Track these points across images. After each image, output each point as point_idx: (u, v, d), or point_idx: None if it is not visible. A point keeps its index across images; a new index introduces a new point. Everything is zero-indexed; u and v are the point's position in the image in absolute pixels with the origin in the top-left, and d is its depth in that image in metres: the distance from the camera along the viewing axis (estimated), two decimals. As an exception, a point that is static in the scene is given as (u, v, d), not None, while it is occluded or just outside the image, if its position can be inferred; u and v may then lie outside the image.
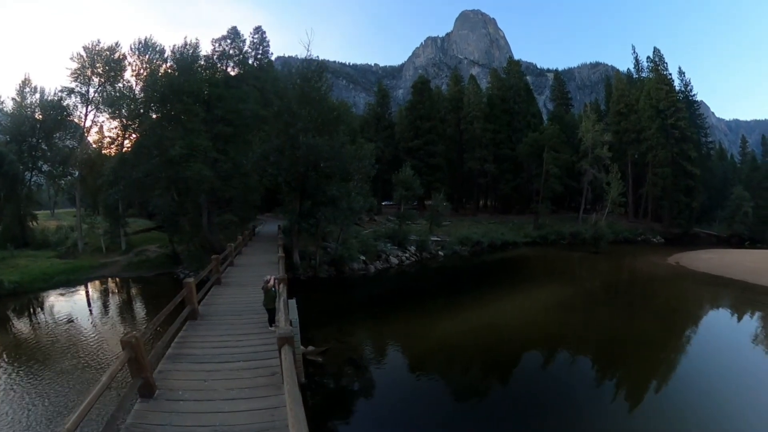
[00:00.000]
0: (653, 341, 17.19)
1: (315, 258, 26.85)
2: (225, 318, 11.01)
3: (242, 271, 18.14)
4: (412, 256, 35.31)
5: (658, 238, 59.48)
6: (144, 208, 41.34)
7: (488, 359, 14.66)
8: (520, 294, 24.98)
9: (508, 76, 74.01)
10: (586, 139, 59.06)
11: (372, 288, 25.84)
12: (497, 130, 65.50)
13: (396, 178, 40.08)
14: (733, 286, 28.89)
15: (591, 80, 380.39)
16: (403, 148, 58.69)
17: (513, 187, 66.30)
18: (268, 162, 25.30)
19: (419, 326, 17.60)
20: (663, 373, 13.84)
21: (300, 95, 24.92)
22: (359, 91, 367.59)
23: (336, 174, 26.24)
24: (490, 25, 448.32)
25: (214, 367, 7.72)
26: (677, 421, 10.41)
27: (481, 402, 11.66)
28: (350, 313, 19.28)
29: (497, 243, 45.93)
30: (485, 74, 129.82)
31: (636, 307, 23.39)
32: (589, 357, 15.57)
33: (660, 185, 62.69)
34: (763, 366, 14.74)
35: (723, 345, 17.47)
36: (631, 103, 68.35)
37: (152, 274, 27.69)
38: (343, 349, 14.26)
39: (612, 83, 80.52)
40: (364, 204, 28.62)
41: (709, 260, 39.06)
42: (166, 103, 26.23)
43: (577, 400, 11.70)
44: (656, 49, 69.19)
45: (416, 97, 61.93)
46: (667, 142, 61.84)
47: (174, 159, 23.34)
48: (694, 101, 76.54)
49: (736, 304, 24.72)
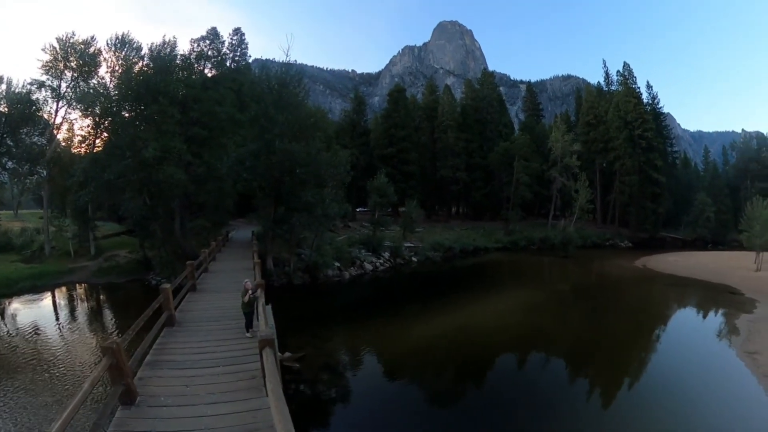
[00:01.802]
0: (623, 341, 18.08)
1: (289, 265, 26.74)
2: (202, 324, 11.05)
3: (217, 277, 18.04)
4: (387, 262, 35.60)
5: (626, 242, 62.74)
6: (114, 212, 39.78)
7: (463, 362, 14.97)
8: (492, 298, 25.61)
9: (482, 87, 76.25)
10: (556, 148, 61.48)
11: (347, 294, 25.92)
12: (470, 139, 67.10)
13: (370, 185, 40.35)
14: (697, 285, 30.82)
15: (562, 92, 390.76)
16: (378, 156, 59.16)
17: (484, 195, 67.96)
18: (243, 167, 25.04)
19: (394, 331, 17.80)
20: (634, 370, 14.61)
21: (277, 100, 24.86)
22: (336, 97, 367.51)
23: (311, 180, 26.24)
24: (466, 36, 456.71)
25: (194, 373, 7.80)
26: (650, 417, 10.99)
27: (457, 404, 11.91)
28: (325, 320, 19.33)
29: (469, 249, 47.15)
30: (460, 84, 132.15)
31: (605, 309, 24.37)
32: (561, 357, 16.14)
33: (627, 192, 66.25)
34: (726, 359, 15.77)
35: (689, 341, 18.67)
36: (600, 114, 71.91)
37: (123, 280, 26.91)
38: (320, 355, 14.31)
39: (582, 95, 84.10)
40: (338, 210, 28.87)
41: (675, 262, 41.41)
42: (140, 102, 25.64)
43: (552, 400, 12.09)
44: (626, 63, 73.69)
45: (392, 105, 62.68)
46: (634, 151, 65.64)
47: (147, 161, 22.88)
48: (661, 113, 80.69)
49: (701, 302, 26.36)
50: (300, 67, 27.95)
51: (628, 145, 65.94)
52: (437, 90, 77.51)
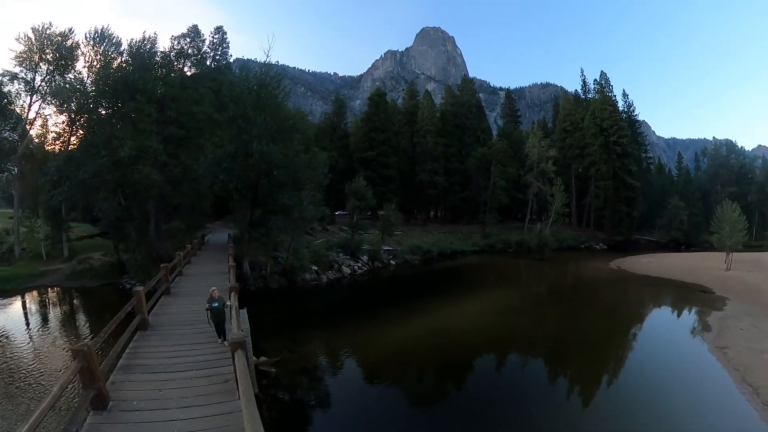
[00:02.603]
0: (600, 340, 18.72)
1: (266, 268, 26.51)
2: (176, 328, 10.99)
3: (192, 281, 17.86)
4: (365, 266, 35.69)
5: (601, 245, 64.93)
6: (88, 212, 38.59)
7: (442, 364, 15.12)
8: (470, 300, 25.91)
9: (462, 93, 77.39)
10: (533, 154, 63.16)
11: (324, 298, 25.88)
12: (448, 144, 67.96)
13: (349, 188, 40.38)
14: (670, 285, 32.17)
15: (541, 99, 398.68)
16: (358, 159, 59.33)
17: (462, 199, 68.94)
18: (219, 168, 24.68)
19: (373, 334, 17.85)
20: (611, 368, 15.20)
21: (256, 101, 24.64)
22: (317, 99, 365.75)
23: (288, 182, 26.05)
24: (448, 42, 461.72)
25: (167, 377, 7.81)
26: (628, 412, 11.54)
27: (438, 406, 12.04)
28: (303, 324, 19.27)
29: (447, 252, 47.76)
30: (440, 90, 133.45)
31: (581, 309, 25.04)
32: (539, 357, 16.53)
33: (602, 197, 68.88)
34: (699, 354, 16.61)
35: (664, 338, 19.59)
36: (577, 121, 74.46)
37: (97, 284, 26.17)
38: (297, 360, 14.27)
39: (560, 103, 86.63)
40: (316, 213, 28.78)
41: (649, 264, 43.10)
42: (118, 99, 25.05)
43: (532, 399, 12.38)
44: (603, 72, 76.44)
45: (372, 109, 62.93)
46: (609, 157, 68.13)
47: (122, 160, 22.42)
48: (636, 120, 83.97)
49: (674, 301, 27.59)
50: (281, 68, 27.68)
51: (603, 151, 68.49)
52: (418, 95, 78.38)
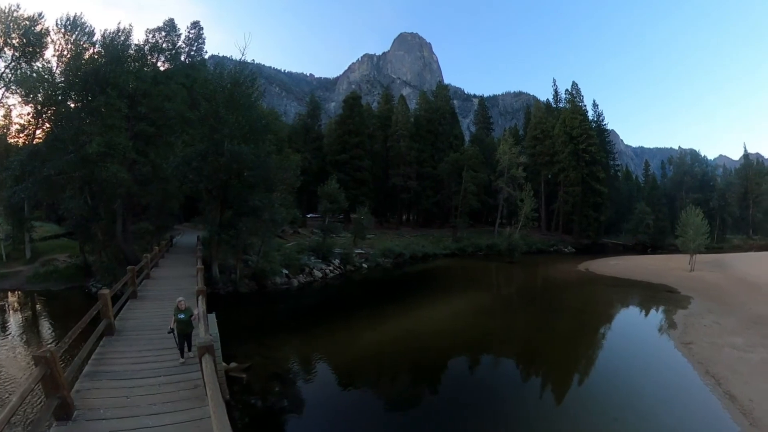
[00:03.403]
0: (570, 339, 19.24)
1: (235, 272, 25.97)
2: (143, 333, 10.75)
3: (159, 284, 17.47)
4: (336, 269, 35.52)
5: (569, 248, 67.30)
6: (53, 211, 36.85)
7: (416, 366, 15.16)
8: (442, 302, 26.19)
9: (436, 99, 78.50)
10: (503, 160, 64.82)
11: (295, 302, 25.60)
12: (421, 149, 68.78)
13: (321, 191, 40.22)
14: (637, 286, 33.34)
15: (513, 107, 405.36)
16: (331, 161, 59.14)
17: (434, 203, 69.72)
18: (189, 167, 24.05)
19: (345, 338, 17.76)
20: (582, 366, 15.67)
21: (229, 100, 24.21)
22: (291, 99, 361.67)
23: (260, 184, 25.67)
24: (425, 48, 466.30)
25: (135, 383, 7.65)
26: (599, 407, 11.95)
27: (413, 408, 12.04)
28: (273, 328, 19.00)
29: (419, 255, 48.28)
30: (415, 95, 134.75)
31: (551, 310, 25.68)
32: (511, 357, 16.82)
33: (570, 202, 71.59)
34: (666, 350, 17.37)
35: (632, 336, 20.36)
36: (548, 129, 77.17)
37: (61, 287, 24.86)
38: (268, 365, 14.04)
39: (531, 111, 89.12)
40: (287, 215, 28.41)
41: (616, 266, 44.70)
42: (88, 92, 24.02)
43: (506, 399, 12.57)
44: (574, 83, 79.74)
45: (347, 111, 62.91)
46: (578, 164, 70.84)
47: (90, 157, 21.53)
48: (605, 130, 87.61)
49: (641, 300, 28.59)
50: (257, 67, 27.43)
51: (572, 158, 71.19)
52: (393, 99, 79.15)
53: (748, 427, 10.45)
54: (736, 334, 18.52)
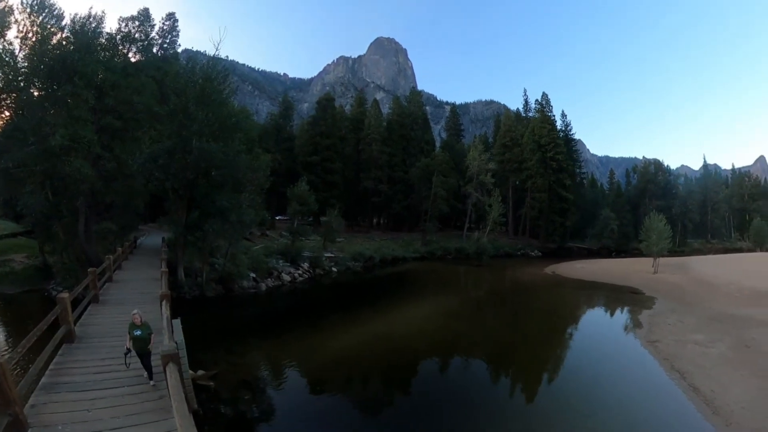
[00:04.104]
0: (539, 339, 19.64)
1: (201, 275, 24.98)
2: (105, 340, 10.03)
3: (122, 287, 16.59)
4: (306, 273, 34.96)
5: (536, 252, 69.39)
6: (11, 208, 34.58)
7: (387, 369, 15.01)
8: (412, 305, 26.16)
9: (409, 105, 79.48)
10: (473, 166, 66.13)
11: (264, 306, 24.94)
12: (393, 153, 69.30)
13: (291, 193, 39.59)
14: (603, 288, 34.40)
15: (484, 115, 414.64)
16: (301, 163, 58.59)
17: (404, 207, 70.25)
18: (156, 165, 23.04)
19: (316, 343, 17.41)
20: (552, 365, 15.97)
21: (200, 95, 23.34)
22: (264, 99, 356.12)
23: (228, 183, 24.91)
24: (400, 54, 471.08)
25: (96, 395, 7.13)
26: (570, 405, 12.17)
27: (386, 412, 11.90)
28: (242, 334, 18.40)
29: (389, 258, 48.39)
30: (388, 100, 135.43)
31: (520, 311, 26.20)
32: (481, 358, 16.92)
33: (537, 207, 74.15)
34: (633, 348, 17.98)
35: (600, 335, 21.02)
36: (517, 137, 79.75)
37: (18, 290, 23.23)
38: (237, 372, 13.62)
39: (501, 119, 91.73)
40: (255, 217, 27.63)
41: (582, 269, 46.04)
42: (53, 80, 22.45)
43: (478, 400, 12.56)
44: (545, 93, 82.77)
45: (320, 113, 62.64)
46: (545, 171, 73.54)
47: (53, 150, 20.14)
48: (572, 139, 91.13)
49: (607, 302, 29.51)
50: (231, 64, 26.51)
51: (540, 165, 73.74)
52: (366, 103, 79.68)
53: (710, 415, 11.22)
54: (698, 331, 19.52)
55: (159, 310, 11.79)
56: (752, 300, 27.18)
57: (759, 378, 13.63)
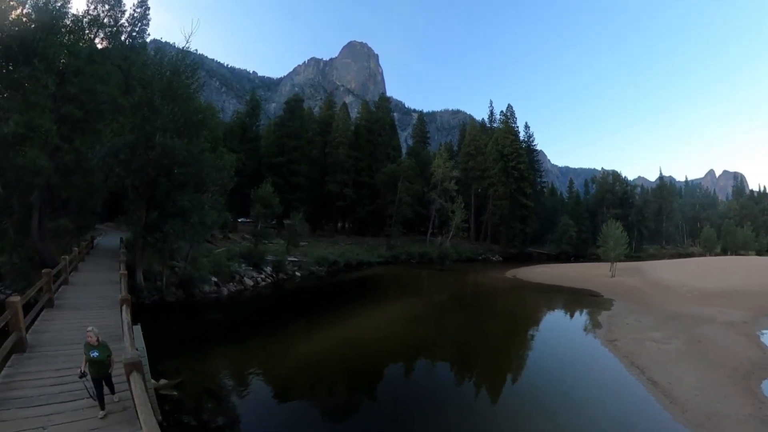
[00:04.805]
0: (502, 341, 20.04)
1: (161, 279, 23.91)
2: (61, 348, 9.25)
3: (79, 290, 15.60)
4: (269, 277, 34.22)
5: (497, 257, 71.75)
6: None
7: (353, 374, 14.85)
8: (376, 309, 26.16)
9: (378, 110, 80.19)
10: (437, 173, 67.50)
11: (226, 312, 24.20)
12: (359, 157, 69.35)
13: (255, 194, 38.88)
14: (563, 291, 35.71)
15: (450, 124, 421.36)
16: (267, 164, 57.61)
17: (369, 211, 70.52)
18: (116, 160, 21.75)
19: (280, 349, 17.08)
20: (516, 365, 16.40)
21: (166, 89, 22.35)
22: (231, 96, 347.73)
23: (190, 183, 23.92)
24: (372, 59, 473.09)
25: (54, 410, 6.51)
26: (535, 402, 12.53)
27: (352, 418, 11.76)
28: (204, 340, 17.77)
29: (353, 263, 48.28)
30: (357, 104, 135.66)
31: (482, 314, 26.65)
32: (446, 361, 17.07)
33: (499, 214, 76.90)
34: (593, 347, 18.79)
35: (561, 336, 21.73)
36: (481, 146, 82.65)
37: None
38: (201, 380, 13.13)
39: (467, 129, 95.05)
40: (218, 219, 26.71)
41: (542, 273, 47.70)
42: (9, 60, 20.53)
43: (444, 402, 12.62)
44: (510, 105, 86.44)
45: (288, 114, 61.96)
46: (507, 180, 76.24)
47: (6, 138, 18.55)
48: (534, 150, 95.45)
49: (567, 304, 30.57)
50: (199, 58, 25.26)
51: (502, 174, 76.37)
52: (335, 106, 79.56)
53: (669, 404, 12.18)
54: (655, 330, 20.77)
55: (118, 316, 11.24)
56: (703, 300, 29.41)
57: (710, 369, 15.14)
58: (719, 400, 12.31)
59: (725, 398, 12.48)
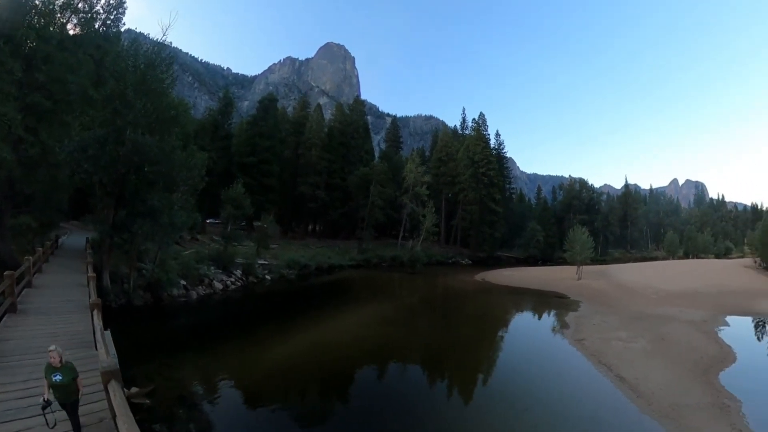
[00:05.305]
0: (472, 342, 20.28)
1: (129, 281, 22.89)
2: (28, 357, 8.68)
3: (44, 294, 14.82)
4: (238, 281, 33.48)
5: (467, 260, 73.45)
6: None
7: (326, 378, 14.72)
8: (348, 312, 26.02)
9: (352, 113, 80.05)
10: (409, 178, 68.23)
11: (196, 316, 23.56)
12: (332, 160, 68.94)
13: (225, 195, 38.03)
14: (531, 293, 36.53)
15: (423, 130, 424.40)
16: (238, 163, 56.39)
17: (341, 214, 70.33)
18: (85, 155, 20.62)
19: (252, 354, 16.81)
20: (487, 366, 16.69)
21: (140, 82, 21.38)
22: (203, 92, 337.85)
23: (160, 181, 23.12)
24: (348, 61, 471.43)
25: (23, 425, 6.07)
26: (506, 402, 12.79)
27: (324, 422, 11.66)
28: (175, 346, 17.27)
29: (324, 266, 47.98)
30: (331, 106, 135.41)
31: (453, 316, 26.98)
32: (418, 363, 17.16)
33: (468, 219, 79.29)
34: (561, 346, 19.41)
35: (530, 336, 22.33)
36: (452, 153, 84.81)
37: None
38: (172, 387, 12.76)
39: (439, 135, 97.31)
40: (187, 219, 25.88)
41: (511, 276, 48.91)
42: None
43: (415, 403, 12.62)
44: (482, 113, 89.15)
45: (261, 113, 61.04)
46: (477, 186, 78.56)
47: None
48: (504, 157, 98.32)
49: (536, 306, 31.36)
50: (173, 51, 24.22)
51: (473, 180, 78.62)
52: (309, 107, 79.07)
53: (636, 398, 12.89)
54: (621, 329, 21.72)
55: (89, 321, 10.79)
56: (666, 300, 31.00)
57: (673, 364, 16.19)
58: (682, 392, 13.26)
59: (687, 390, 13.48)
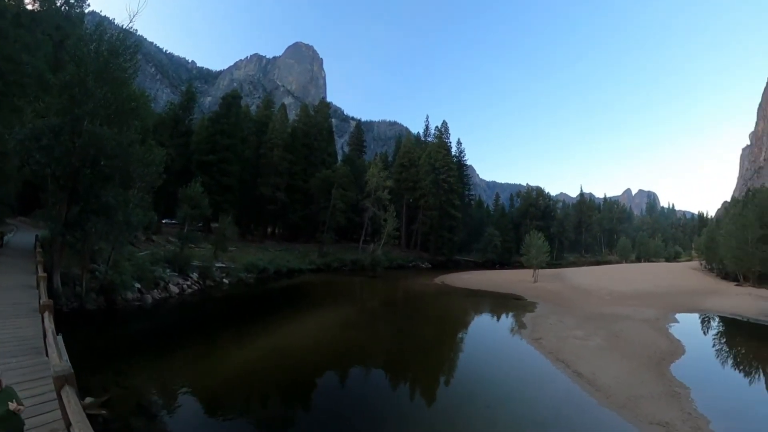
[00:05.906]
0: (433, 344, 20.67)
1: (81, 283, 21.51)
2: None
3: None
4: (195, 284, 32.42)
5: (426, 264, 75.26)
6: None
7: (287, 384, 14.47)
8: (309, 317, 25.70)
9: (316, 114, 79.93)
10: (371, 182, 68.64)
11: (152, 321, 22.57)
12: (294, 161, 68.23)
13: (182, 194, 36.77)
14: (489, 295, 37.76)
15: (387, 135, 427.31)
16: (197, 161, 54.55)
17: (302, 216, 69.63)
18: (37, 145, 19.21)
19: (210, 360, 16.36)
20: (448, 367, 17.04)
21: (102, 70, 20.06)
22: (166, 85, 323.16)
23: (116, 177, 21.95)
24: (316, 62, 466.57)
25: None
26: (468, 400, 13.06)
27: (286, 430, 11.49)
28: (130, 352, 16.46)
29: (284, 270, 47.20)
30: (296, 107, 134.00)
31: (413, 318, 27.43)
32: (380, 366, 17.19)
33: (428, 223, 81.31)
34: (519, 346, 20.20)
35: (489, 336, 23.06)
36: (414, 159, 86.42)
37: None
38: (128, 396, 12.17)
39: (402, 141, 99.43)
40: (143, 219, 24.72)
41: (469, 279, 50.39)
42: None
43: (379, 407, 12.63)
44: (444, 122, 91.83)
45: (224, 110, 59.53)
46: (437, 192, 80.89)
47: None
48: (465, 164, 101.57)
49: (494, 307, 32.39)
50: (138, 39, 22.50)
51: (433, 186, 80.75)
52: (273, 106, 78.05)
53: (594, 392, 13.63)
54: (577, 328, 22.85)
55: (38, 326, 10.22)
56: (618, 301, 32.99)
57: (627, 359, 17.28)
58: (637, 384, 14.21)
59: (642, 382, 14.45)
